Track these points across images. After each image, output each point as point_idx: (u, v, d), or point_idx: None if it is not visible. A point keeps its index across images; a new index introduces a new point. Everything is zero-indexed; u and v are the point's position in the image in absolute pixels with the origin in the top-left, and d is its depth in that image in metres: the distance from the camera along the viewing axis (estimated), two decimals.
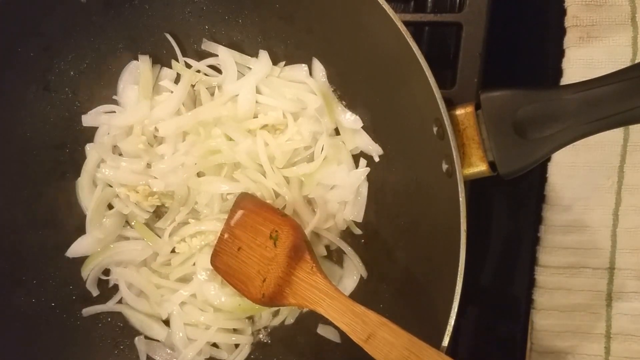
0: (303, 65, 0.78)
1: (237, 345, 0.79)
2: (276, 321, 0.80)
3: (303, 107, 0.78)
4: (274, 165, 0.78)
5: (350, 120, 0.78)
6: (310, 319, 0.79)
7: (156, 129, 0.78)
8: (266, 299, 0.68)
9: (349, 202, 0.78)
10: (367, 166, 0.77)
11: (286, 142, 0.78)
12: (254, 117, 0.79)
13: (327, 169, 0.78)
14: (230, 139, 0.78)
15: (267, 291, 0.68)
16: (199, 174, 0.79)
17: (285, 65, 0.79)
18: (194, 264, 0.79)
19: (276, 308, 0.79)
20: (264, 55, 0.78)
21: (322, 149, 0.77)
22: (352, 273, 0.79)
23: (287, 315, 0.79)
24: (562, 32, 0.80)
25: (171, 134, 0.78)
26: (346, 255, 0.79)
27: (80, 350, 0.78)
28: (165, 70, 0.82)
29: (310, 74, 0.79)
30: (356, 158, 0.78)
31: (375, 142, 0.77)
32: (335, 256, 0.80)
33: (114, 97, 0.81)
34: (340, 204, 0.79)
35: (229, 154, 0.77)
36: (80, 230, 0.80)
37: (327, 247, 0.80)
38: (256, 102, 0.79)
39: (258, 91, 0.79)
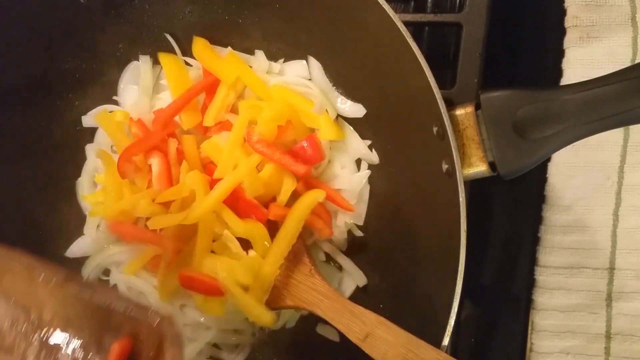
0: (302, 61, 0.78)
1: (237, 345, 0.79)
2: (276, 326, 0.79)
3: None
4: None
5: (352, 109, 0.77)
6: (310, 319, 0.79)
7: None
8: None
9: (352, 205, 0.77)
10: (367, 168, 0.77)
11: None
12: None
13: (330, 172, 0.78)
14: None
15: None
16: None
17: (284, 62, 0.79)
18: None
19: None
20: (260, 54, 0.78)
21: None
22: (352, 275, 0.79)
23: (287, 319, 0.79)
24: (562, 32, 0.80)
25: None
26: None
27: None
28: None
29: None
30: (357, 160, 0.78)
31: (376, 141, 0.76)
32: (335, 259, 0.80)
33: (114, 97, 0.81)
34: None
35: None
36: (80, 231, 0.80)
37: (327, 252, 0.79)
38: None
39: None
